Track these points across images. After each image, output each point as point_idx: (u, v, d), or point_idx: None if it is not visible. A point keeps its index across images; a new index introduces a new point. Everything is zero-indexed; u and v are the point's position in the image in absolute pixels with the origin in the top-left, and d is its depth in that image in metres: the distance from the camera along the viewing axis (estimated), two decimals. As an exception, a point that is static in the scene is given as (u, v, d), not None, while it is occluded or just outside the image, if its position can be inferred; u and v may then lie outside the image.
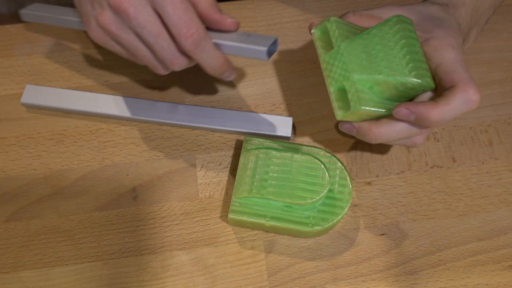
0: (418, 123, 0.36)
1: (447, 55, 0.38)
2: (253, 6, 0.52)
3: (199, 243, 0.42)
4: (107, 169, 0.44)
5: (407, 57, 0.36)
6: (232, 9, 0.52)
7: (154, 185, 0.44)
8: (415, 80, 0.36)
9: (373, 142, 0.38)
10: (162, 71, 0.39)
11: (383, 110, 0.37)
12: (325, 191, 0.39)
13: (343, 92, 0.37)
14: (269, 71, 0.49)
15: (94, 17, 0.37)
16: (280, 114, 0.47)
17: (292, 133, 0.46)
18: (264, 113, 0.46)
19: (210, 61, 0.37)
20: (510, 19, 0.52)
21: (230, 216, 0.40)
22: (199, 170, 0.45)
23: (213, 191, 0.44)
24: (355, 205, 0.43)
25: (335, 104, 0.38)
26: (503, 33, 0.51)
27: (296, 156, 0.41)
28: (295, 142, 0.45)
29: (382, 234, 0.42)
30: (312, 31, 0.40)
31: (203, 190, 0.44)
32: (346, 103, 0.37)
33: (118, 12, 0.35)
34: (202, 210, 0.43)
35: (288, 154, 0.41)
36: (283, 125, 0.45)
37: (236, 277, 0.40)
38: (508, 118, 0.47)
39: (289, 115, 0.47)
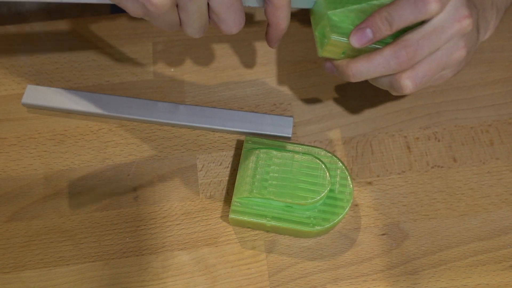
0: (375, 31, 0.36)
1: None
2: (253, 6, 0.52)
3: (199, 243, 0.42)
4: (108, 169, 0.44)
5: None
6: (233, 9, 0.52)
7: (155, 185, 0.44)
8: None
9: (353, 79, 0.37)
10: (199, 35, 0.37)
11: None
12: (326, 191, 0.39)
13: (323, 32, 0.38)
14: (269, 71, 0.49)
15: None
16: (281, 114, 0.47)
17: (292, 133, 0.46)
18: (265, 113, 0.46)
19: (288, 15, 0.37)
20: (511, 18, 0.52)
21: (231, 216, 0.40)
22: (200, 170, 0.45)
23: (213, 191, 0.44)
24: (356, 205, 0.43)
25: (317, 45, 0.38)
26: (504, 33, 0.51)
27: (297, 156, 0.41)
28: (296, 142, 0.45)
29: (383, 234, 0.42)
30: None
31: (203, 190, 0.44)
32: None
33: None
34: (203, 210, 0.43)
35: (289, 154, 0.41)
36: (283, 125, 0.45)
37: (236, 277, 0.40)
38: (509, 118, 0.47)
39: (290, 115, 0.47)
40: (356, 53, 0.38)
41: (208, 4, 0.34)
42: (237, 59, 0.50)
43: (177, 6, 0.34)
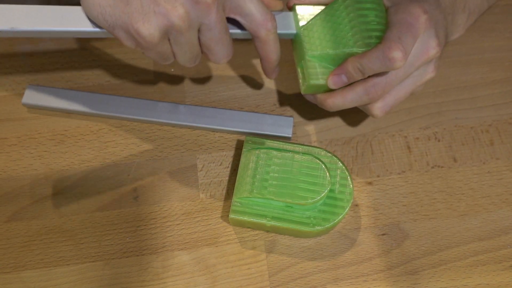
0: (349, 77, 0.38)
1: (394, 17, 0.38)
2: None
3: (200, 243, 0.42)
4: (108, 169, 0.44)
5: (354, 29, 0.38)
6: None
7: (155, 185, 0.44)
8: (359, 49, 0.38)
9: (332, 110, 0.41)
10: (192, 65, 0.39)
11: None
12: (326, 191, 0.39)
13: (303, 73, 0.41)
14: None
15: (162, 13, 0.33)
16: (281, 114, 0.47)
17: (292, 133, 0.46)
18: (265, 113, 0.46)
19: (276, 48, 0.40)
20: (511, 19, 0.52)
21: (231, 216, 0.40)
22: (200, 170, 0.45)
23: (214, 191, 0.44)
24: (356, 205, 0.43)
25: (300, 81, 0.41)
26: (504, 33, 0.51)
27: (297, 156, 0.41)
28: (296, 142, 0.45)
29: (383, 234, 0.42)
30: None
31: (204, 190, 0.44)
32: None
33: (200, 5, 0.34)
34: (203, 210, 0.43)
35: (289, 154, 0.41)
36: (284, 125, 0.45)
37: (237, 277, 0.40)
38: (509, 118, 0.47)
39: (290, 115, 0.47)
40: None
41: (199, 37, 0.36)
42: (237, 59, 0.50)
43: (169, 39, 0.36)
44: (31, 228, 0.42)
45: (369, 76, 0.39)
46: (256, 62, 0.50)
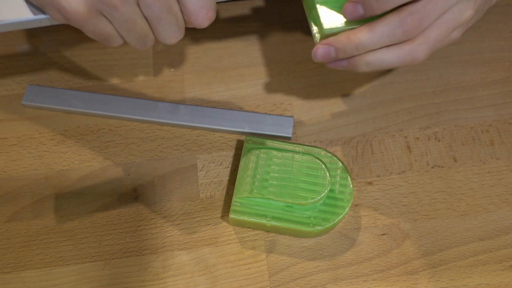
0: (368, 10, 0.33)
1: None
2: (254, 6, 0.52)
3: (200, 243, 0.42)
4: (108, 169, 0.44)
5: None
6: (232, 9, 0.52)
7: (155, 185, 0.44)
8: None
9: (356, 52, 0.35)
10: (144, 47, 0.36)
11: (357, 26, 0.35)
12: (326, 191, 0.39)
13: (316, 22, 0.37)
14: (269, 71, 0.49)
15: None
16: (281, 114, 0.47)
17: (292, 133, 0.46)
18: (265, 113, 0.46)
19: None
20: (511, 19, 0.52)
21: (231, 216, 0.40)
22: (200, 170, 0.45)
23: (214, 191, 0.44)
24: (356, 205, 0.43)
25: (315, 37, 0.37)
26: (505, 33, 0.51)
27: (297, 156, 0.41)
28: (296, 142, 0.45)
29: (383, 234, 0.42)
30: None
31: (204, 190, 0.44)
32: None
33: None
34: (203, 210, 0.43)
35: (289, 154, 0.41)
36: (284, 125, 0.45)
37: (237, 277, 0.40)
38: (509, 118, 0.47)
39: (290, 115, 0.47)
40: None
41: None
42: (237, 59, 0.50)
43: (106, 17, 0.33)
44: (31, 228, 0.42)
45: (403, 5, 0.33)
46: (257, 62, 0.50)
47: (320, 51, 0.36)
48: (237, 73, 0.49)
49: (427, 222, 0.42)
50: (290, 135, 0.45)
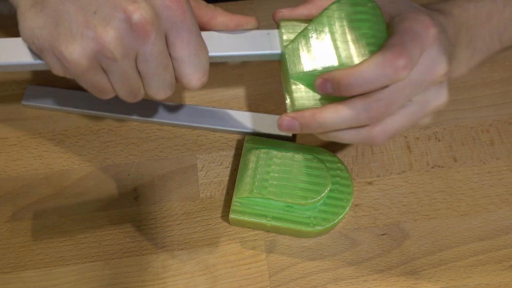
0: (336, 91, 0.33)
1: (400, 25, 0.33)
2: (254, 6, 0.52)
3: (200, 243, 0.42)
4: (108, 169, 0.44)
5: (344, 43, 0.34)
6: (233, 9, 0.52)
7: (155, 185, 0.44)
8: (346, 61, 0.33)
9: (319, 130, 0.34)
10: (133, 100, 0.35)
11: (327, 103, 0.35)
12: (326, 191, 0.39)
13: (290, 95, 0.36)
14: (269, 71, 0.49)
15: (91, 37, 0.30)
16: (281, 114, 0.47)
17: (292, 134, 0.46)
18: (265, 113, 0.46)
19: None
20: (511, 18, 0.52)
21: (231, 216, 0.40)
22: (200, 170, 0.45)
23: (214, 191, 0.44)
24: (356, 205, 0.43)
25: (287, 104, 0.36)
26: (504, 33, 0.51)
27: (297, 156, 0.41)
28: (296, 142, 0.45)
29: (383, 234, 0.42)
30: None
31: (204, 190, 0.44)
32: None
33: (137, 33, 0.30)
34: (203, 210, 0.43)
35: (289, 154, 0.41)
36: (284, 125, 0.45)
37: (237, 277, 0.40)
38: (509, 118, 0.47)
39: (290, 115, 0.47)
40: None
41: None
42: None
43: (104, 69, 0.32)
44: (31, 228, 0.42)
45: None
46: (257, 62, 0.50)
47: (285, 123, 0.35)
48: (237, 73, 0.49)
49: (427, 222, 0.42)
50: (290, 135, 0.45)
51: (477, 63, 0.40)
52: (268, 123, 0.45)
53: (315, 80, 0.34)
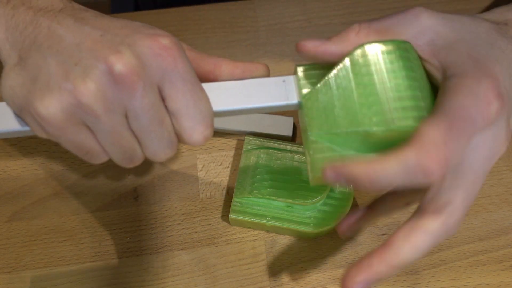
0: (351, 184, 0.27)
1: (451, 99, 0.27)
2: (254, 6, 0.52)
3: (200, 243, 0.42)
4: (108, 169, 0.44)
5: (371, 98, 0.28)
6: (233, 9, 0.52)
7: (155, 185, 0.44)
8: (378, 128, 0.27)
9: (370, 188, 0.27)
10: (130, 165, 0.30)
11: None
12: (326, 191, 0.39)
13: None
14: (269, 72, 0.49)
15: (68, 89, 0.26)
16: (281, 114, 0.47)
17: (293, 133, 0.46)
18: (265, 113, 0.46)
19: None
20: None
21: (231, 216, 0.40)
22: (200, 170, 0.45)
23: (214, 191, 0.44)
24: (356, 205, 0.43)
25: (308, 168, 0.30)
26: (504, 33, 0.51)
27: (297, 156, 0.41)
28: (296, 142, 0.45)
29: (383, 234, 0.42)
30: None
31: (204, 190, 0.44)
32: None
33: (121, 85, 0.26)
34: (203, 210, 0.43)
35: (289, 154, 0.41)
36: (284, 125, 0.45)
37: (237, 277, 0.40)
38: (509, 118, 0.47)
39: (290, 115, 0.47)
40: None
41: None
42: (237, 59, 0.50)
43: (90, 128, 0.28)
44: (31, 228, 0.42)
45: None
46: (257, 62, 0.50)
47: (328, 175, 0.27)
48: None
49: (427, 222, 0.42)
50: (290, 135, 0.45)
51: None
52: (268, 123, 0.45)
53: (322, 169, 0.27)
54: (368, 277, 0.28)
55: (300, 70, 0.31)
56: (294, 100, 0.31)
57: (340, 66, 0.29)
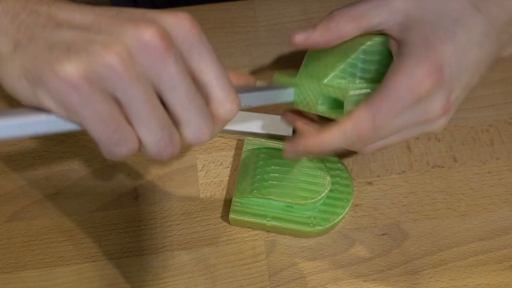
0: (307, 153, 0.35)
1: (390, 77, 0.31)
2: (254, 6, 0.52)
3: (200, 243, 0.42)
4: (108, 169, 0.44)
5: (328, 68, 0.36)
6: (233, 9, 0.52)
7: (155, 185, 0.44)
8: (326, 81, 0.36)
9: (320, 154, 0.37)
10: (166, 151, 0.27)
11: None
12: (326, 191, 0.39)
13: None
14: (270, 71, 0.49)
15: (90, 51, 0.24)
16: (281, 114, 0.47)
17: (292, 133, 0.46)
18: (265, 113, 0.46)
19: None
20: (511, 18, 0.52)
21: (231, 216, 0.40)
22: (200, 170, 0.45)
23: (214, 191, 0.44)
24: (356, 205, 0.43)
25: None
26: (504, 33, 0.51)
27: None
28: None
29: (383, 234, 0.42)
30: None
31: (204, 190, 0.44)
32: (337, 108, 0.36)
33: (152, 52, 0.25)
34: (203, 210, 0.43)
35: (289, 154, 0.41)
36: (284, 125, 0.45)
37: (237, 277, 0.40)
38: (509, 118, 0.47)
39: (290, 115, 0.47)
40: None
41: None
42: (237, 59, 0.50)
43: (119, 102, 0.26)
44: (31, 228, 0.42)
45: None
46: (257, 62, 0.50)
47: (290, 148, 0.36)
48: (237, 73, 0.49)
49: (427, 222, 0.42)
50: (290, 135, 0.45)
51: None
52: (268, 123, 0.45)
53: (284, 146, 0.36)
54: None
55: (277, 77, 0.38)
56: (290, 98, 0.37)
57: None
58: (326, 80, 0.36)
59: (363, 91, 0.34)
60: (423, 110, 0.32)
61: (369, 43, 0.34)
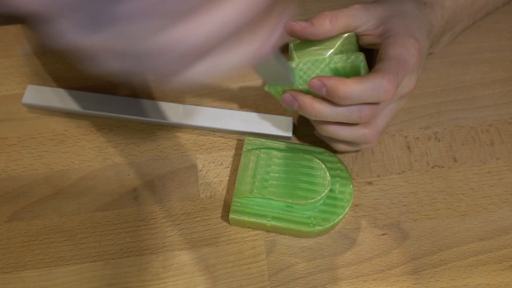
0: (329, 97, 0.36)
1: (392, 50, 0.37)
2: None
3: (200, 243, 0.42)
4: (108, 169, 0.44)
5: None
6: (233, 9, 0.52)
7: (155, 185, 0.44)
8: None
9: (315, 118, 0.39)
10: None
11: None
12: (326, 191, 0.39)
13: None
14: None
15: None
16: (281, 114, 0.47)
17: (292, 133, 0.46)
18: (265, 113, 0.46)
19: None
20: (511, 18, 0.52)
21: (231, 216, 0.40)
22: (200, 170, 0.45)
23: (214, 191, 0.44)
24: (356, 205, 0.43)
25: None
26: (504, 33, 0.51)
27: (297, 156, 0.41)
28: (296, 142, 0.45)
29: (383, 234, 0.42)
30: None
31: (204, 190, 0.44)
32: None
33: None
34: (203, 210, 0.43)
35: (289, 154, 0.41)
36: (284, 125, 0.45)
37: (237, 277, 0.40)
38: (509, 118, 0.47)
39: (290, 115, 0.47)
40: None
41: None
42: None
43: None
44: (31, 228, 0.42)
45: None
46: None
47: (287, 98, 0.39)
48: (237, 73, 0.49)
49: (427, 222, 0.42)
50: (290, 135, 0.45)
51: (451, 42, 0.48)
52: (268, 123, 0.45)
53: (311, 79, 0.37)
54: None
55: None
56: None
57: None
58: (329, 53, 0.40)
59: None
60: (410, 81, 0.39)
61: (348, 34, 0.41)
